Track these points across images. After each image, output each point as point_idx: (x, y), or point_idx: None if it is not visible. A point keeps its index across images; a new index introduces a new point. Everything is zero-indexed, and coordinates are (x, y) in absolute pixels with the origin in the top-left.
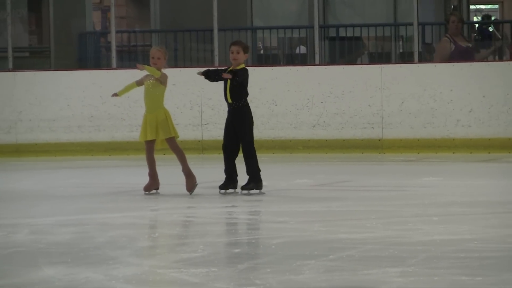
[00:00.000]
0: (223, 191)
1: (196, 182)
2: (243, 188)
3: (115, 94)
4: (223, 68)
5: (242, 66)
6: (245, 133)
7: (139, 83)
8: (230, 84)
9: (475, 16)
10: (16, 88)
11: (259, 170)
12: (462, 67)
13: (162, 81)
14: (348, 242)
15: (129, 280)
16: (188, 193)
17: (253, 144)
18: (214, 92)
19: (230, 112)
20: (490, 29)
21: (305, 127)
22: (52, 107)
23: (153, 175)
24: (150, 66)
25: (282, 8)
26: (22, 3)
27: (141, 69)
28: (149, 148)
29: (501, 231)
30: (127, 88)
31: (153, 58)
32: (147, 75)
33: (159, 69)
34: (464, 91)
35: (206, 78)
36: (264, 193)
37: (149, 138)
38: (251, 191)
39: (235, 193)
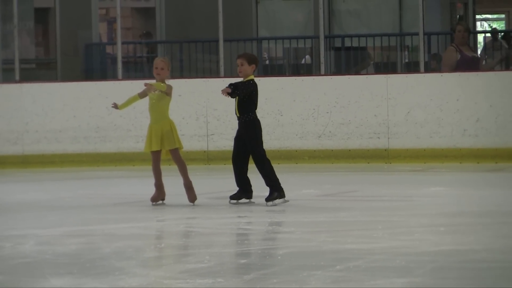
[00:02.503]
0: (234, 201)
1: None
2: (267, 200)
3: (115, 105)
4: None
5: (251, 77)
6: (254, 146)
7: (141, 95)
8: (238, 97)
9: (481, 24)
10: (23, 99)
11: (277, 179)
12: (468, 77)
13: (168, 92)
14: (354, 252)
15: None
16: (191, 204)
17: (265, 155)
18: (220, 103)
19: (239, 125)
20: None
21: (311, 137)
22: (58, 118)
23: (159, 185)
24: (153, 75)
25: (288, 18)
26: (28, 15)
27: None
28: (155, 158)
29: (509, 241)
30: (130, 101)
31: (156, 68)
32: (150, 86)
33: (162, 80)
34: (471, 101)
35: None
36: (288, 201)
37: (154, 148)
38: (276, 201)
39: (250, 203)
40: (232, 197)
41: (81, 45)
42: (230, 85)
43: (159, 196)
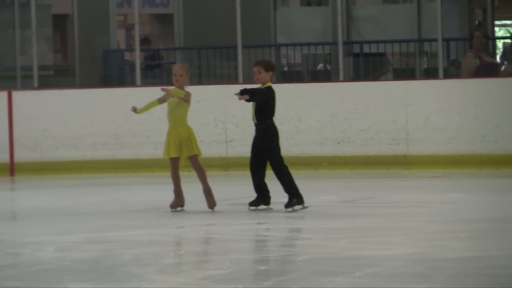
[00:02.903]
0: (253, 207)
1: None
2: (286, 206)
3: (135, 109)
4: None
5: (269, 84)
6: (271, 153)
7: (160, 101)
8: (256, 104)
9: (499, 29)
10: (41, 106)
11: (296, 186)
12: (487, 83)
13: (186, 99)
14: (374, 258)
15: None
16: (210, 210)
17: (283, 161)
18: (238, 109)
19: (256, 131)
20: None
21: (330, 143)
22: (76, 125)
23: (178, 192)
24: (172, 82)
25: (306, 25)
26: (47, 22)
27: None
28: (174, 165)
29: None
30: (148, 106)
31: (175, 75)
32: (167, 92)
33: (181, 86)
34: (490, 107)
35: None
36: (307, 207)
37: (172, 155)
38: (295, 208)
39: (269, 210)
40: (251, 204)
41: (99, 51)
42: (244, 90)
43: (178, 202)
